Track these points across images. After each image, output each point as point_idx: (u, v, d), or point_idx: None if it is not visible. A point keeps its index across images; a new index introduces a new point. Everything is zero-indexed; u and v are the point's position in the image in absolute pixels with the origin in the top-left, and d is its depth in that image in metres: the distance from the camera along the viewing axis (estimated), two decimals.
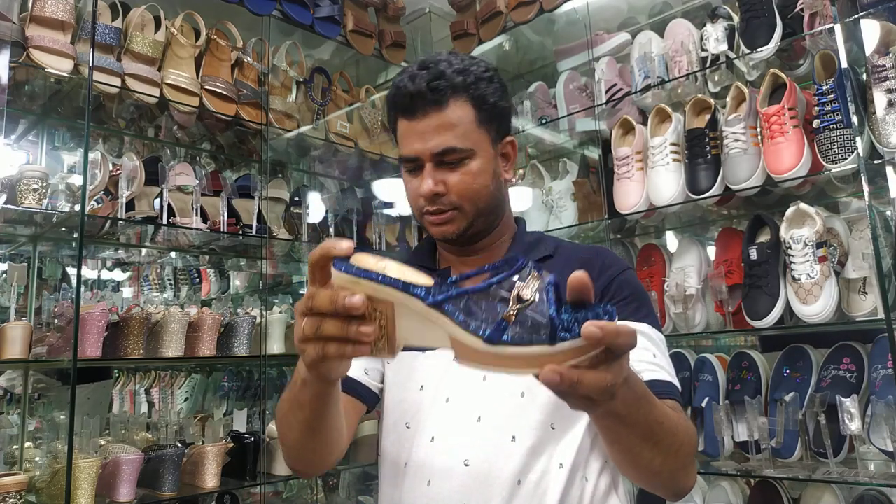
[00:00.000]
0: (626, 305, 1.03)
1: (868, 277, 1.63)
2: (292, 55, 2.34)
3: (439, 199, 1.04)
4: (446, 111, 1.02)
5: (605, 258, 1.10)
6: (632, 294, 1.04)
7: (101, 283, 2.68)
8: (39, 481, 1.67)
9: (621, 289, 1.04)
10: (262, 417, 2.04)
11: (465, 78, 1.03)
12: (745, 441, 1.71)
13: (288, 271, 2.80)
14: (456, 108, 1.03)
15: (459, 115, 1.03)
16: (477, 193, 1.05)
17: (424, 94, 1.02)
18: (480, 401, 1.02)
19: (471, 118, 1.04)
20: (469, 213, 1.06)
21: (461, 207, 1.05)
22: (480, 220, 1.08)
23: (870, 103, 1.59)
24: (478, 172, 1.05)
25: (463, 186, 1.04)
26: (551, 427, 1.00)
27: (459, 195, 1.04)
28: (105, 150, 2.09)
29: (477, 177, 1.05)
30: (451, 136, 1.02)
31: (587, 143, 2.36)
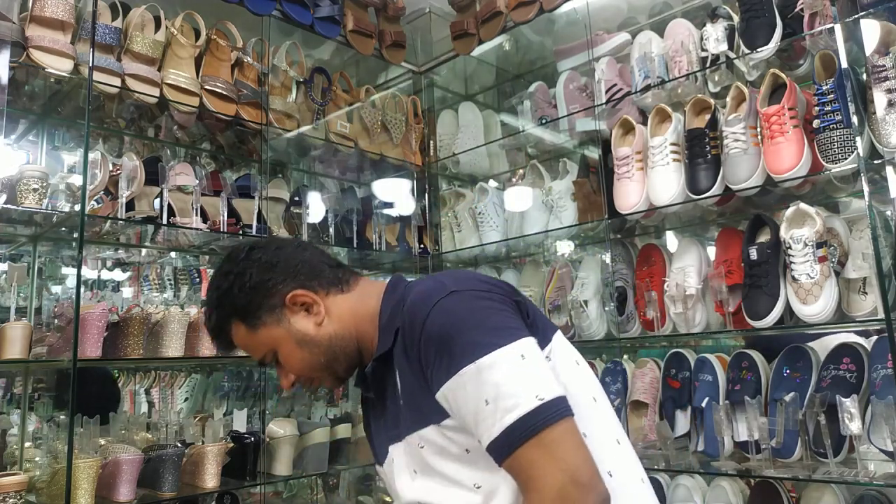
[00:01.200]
0: (439, 366, 0.95)
1: (868, 277, 1.63)
2: (292, 55, 2.34)
3: (298, 381, 1.16)
4: (234, 341, 1.16)
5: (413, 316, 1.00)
6: (438, 346, 0.95)
7: (101, 283, 2.68)
8: (39, 481, 1.67)
9: (428, 347, 0.97)
10: (262, 417, 2.04)
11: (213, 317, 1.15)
12: (745, 441, 1.71)
13: None
14: (234, 334, 1.15)
15: (238, 337, 1.15)
16: (304, 367, 1.13)
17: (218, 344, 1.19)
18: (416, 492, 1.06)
19: (245, 332, 1.13)
20: (321, 374, 1.15)
21: (311, 376, 1.15)
22: (336, 365, 1.14)
23: (870, 103, 1.59)
24: (288, 357, 1.13)
25: (294, 370, 1.14)
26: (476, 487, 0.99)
27: (300, 374, 1.15)
28: (105, 150, 2.09)
29: (291, 360, 1.13)
30: (252, 351, 1.15)
31: (587, 143, 2.36)
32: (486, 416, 0.90)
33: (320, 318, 1.12)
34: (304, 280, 1.13)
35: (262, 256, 1.13)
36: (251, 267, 1.12)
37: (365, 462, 2.16)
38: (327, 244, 2.32)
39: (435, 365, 0.96)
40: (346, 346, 1.13)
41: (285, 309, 1.11)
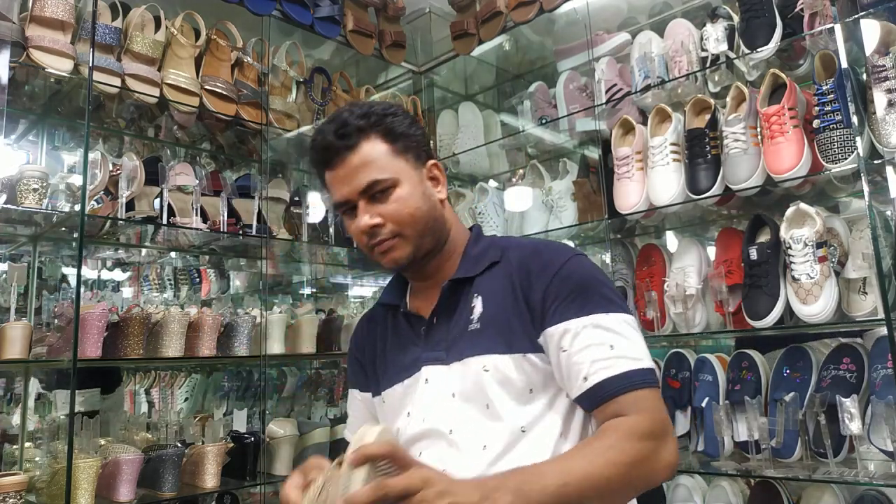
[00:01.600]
0: (571, 303, 1.03)
1: (868, 277, 1.63)
2: (292, 55, 2.34)
3: (379, 230, 1.10)
4: (360, 151, 1.09)
5: (545, 255, 1.10)
6: (575, 287, 1.04)
7: (101, 283, 2.68)
8: (39, 481, 1.67)
9: (563, 284, 1.05)
10: (262, 417, 2.04)
11: (367, 119, 1.10)
12: (745, 441, 1.71)
13: (288, 271, 2.81)
14: (367, 146, 1.09)
15: (372, 150, 1.09)
16: (412, 217, 1.10)
17: (334, 143, 1.10)
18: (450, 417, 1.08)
19: (384, 150, 1.10)
20: (410, 236, 1.11)
21: (401, 234, 1.10)
22: (425, 240, 1.13)
23: (870, 103, 1.59)
24: (407, 198, 1.10)
25: (396, 214, 1.09)
26: (521, 430, 1.04)
27: (396, 222, 1.10)
28: (105, 150, 2.09)
29: (407, 202, 1.10)
30: (371, 171, 1.09)
31: (587, 143, 2.36)
32: (606, 357, 0.99)
33: (443, 196, 1.17)
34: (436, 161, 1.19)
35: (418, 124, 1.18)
36: (415, 122, 1.16)
37: None
38: (327, 244, 2.32)
39: (564, 302, 1.03)
40: (442, 235, 1.16)
41: (423, 167, 1.15)
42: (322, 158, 1.12)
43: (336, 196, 1.12)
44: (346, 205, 1.12)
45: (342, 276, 3.06)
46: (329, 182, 1.13)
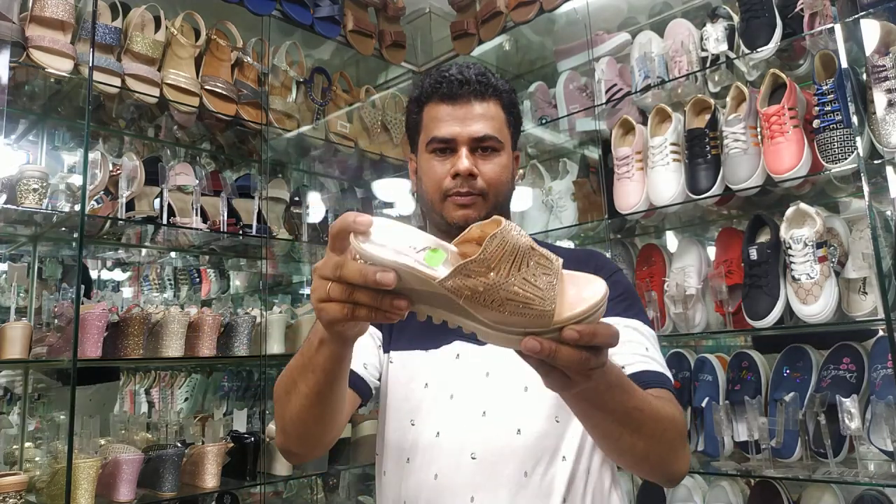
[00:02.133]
0: (619, 303, 1.06)
1: (868, 277, 1.63)
2: (292, 55, 2.34)
3: (471, 181, 1.09)
4: (488, 104, 1.11)
5: (598, 260, 1.18)
6: (623, 293, 1.09)
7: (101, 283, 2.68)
8: (39, 481, 1.67)
9: (614, 288, 1.04)
10: (262, 417, 2.04)
11: (502, 84, 1.14)
12: (745, 441, 1.71)
13: (288, 271, 2.80)
14: (493, 105, 1.12)
15: (496, 111, 1.12)
16: (501, 184, 1.12)
17: (472, 83, 1.10)
18: (485, 396, 1.05)
19: (502, 118, 1.13)
20: (490, 201, 1.11)
21: (486, 194, 1.10)
22: (496, 212, 1.10)
23: (870, 103, 1.59)
24: (504, 166, 1.13)
25: (492, 175, 1.10)
26: (555, 419, 1.03)
27: (488, 182, 1.10)
28: (105, 150, 2.08)
29: (503, 170, 1.12)
30: (491, 126, 1.10)
31: (587, 143, 2.36)
32: (642, 354, 1.02)
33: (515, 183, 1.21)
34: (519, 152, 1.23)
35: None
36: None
37: (365, 462, 2.16)
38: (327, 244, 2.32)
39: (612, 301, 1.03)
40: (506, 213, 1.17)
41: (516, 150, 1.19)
42: (448, 91, 1.10)
43: (440, 131, 1.10)
44: (447, 143, 1.10)
45: None
46: (438, 115, 1.11)
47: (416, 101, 1.15)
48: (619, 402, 0.80)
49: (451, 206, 1.10)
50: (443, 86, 1.11)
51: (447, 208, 1.10)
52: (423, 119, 1.14)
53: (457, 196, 1.09)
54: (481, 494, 1.00)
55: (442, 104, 1.11)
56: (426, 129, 1.13)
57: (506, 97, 1.14)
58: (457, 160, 1.09)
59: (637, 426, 0.84)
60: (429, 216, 1.18)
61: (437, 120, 1.11)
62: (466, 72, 1.11)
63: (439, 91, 1.11)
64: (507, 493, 0.99)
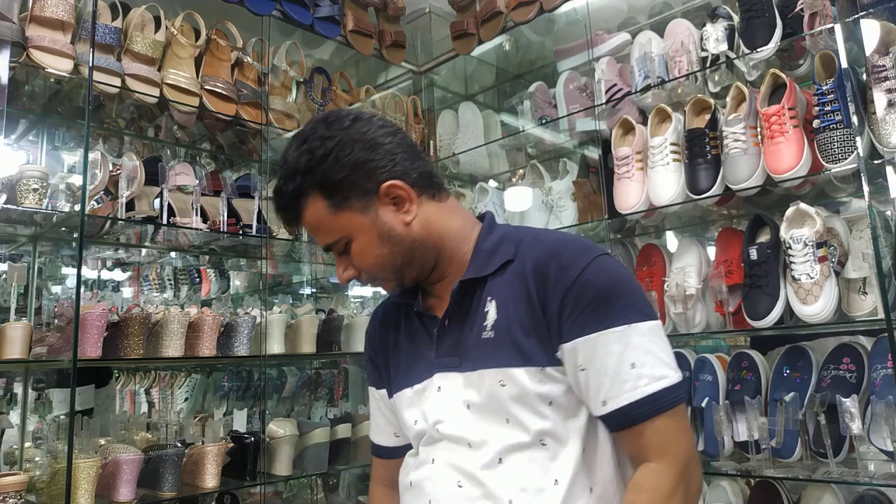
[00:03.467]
0: (591, 315, 0.95)
1: (868, 277, 1.63)
2: (292, 55, 2.34)
3: (357, 277, 1.08)
4: (304, 217, 1.04)
5: (563, 258, 0.99)
6: (595, 297, 0.95)
7: (101, 283, 2.68)
8: (39, 481, 1.67)
9: (582, 295, 0.96)
10: (262, 417, 2.04)
11: (295, 181, 1.02)
12: (745, 441, 1.71)
13: (288, 271, 2.81)
14: (309, 209, 1.03)
15: (315, 213, 1.03)
16: (377, 264, 1.05)
17: (282, 215, 1.08)
18: (467, 427, 1.03)
19: (325, 210, 1.02)
20: (388, 276, 1.07)
21: (377, 277, 1.08)
22: (406, 272, 1.07)
23: (870, 103, 1.59)
24: (364, 250, 1.04)
25: (362, 265, 1.06)
26: (542, 443, 0.99)
27: (366, 271, 1.07)
28: (105, 150, 2.09)
29: (366, 253, 1.04)
30: (321, 235, 1.05)
31: (587, 143, 2.36)
32: (626, 379, 0.93)
33: (410, 217, 1.04)
34: (402, 172, 1.03)
35: (368, 132, 1.02)
36: (355, 140, 1.01)
37: (365, 462, 2.16)
38: None
39: (582, 314, 0.95)
40: (425, 255, 1.06)
41: (377, 198, 1.02)
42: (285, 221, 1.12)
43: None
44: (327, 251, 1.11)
45: None
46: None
47: None
48: None
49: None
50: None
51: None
52: None
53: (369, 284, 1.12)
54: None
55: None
56: None
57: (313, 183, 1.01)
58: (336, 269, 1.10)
59: None
60: None
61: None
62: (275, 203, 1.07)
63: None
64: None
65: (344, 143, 1.01)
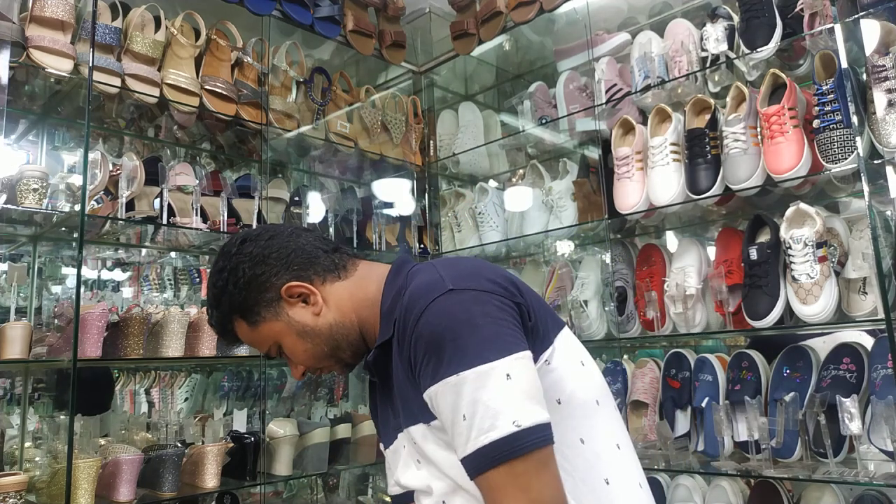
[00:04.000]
0: (426, 367, 0.93)
1: (868, 277, 1.63)
2: (292, 55, 2.34)
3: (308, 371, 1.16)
4: (239, 336, 1.15)
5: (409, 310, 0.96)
6: (427, 348, 0.92)
7: (101, 283, 2.68)
8: (39, 481, 1.67)
9: (418, 346, 0.94)
10: (262, 417, 2.04)
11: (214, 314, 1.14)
12: (745, 441, 1.71)
13: None
14: (236, 329, 1.14)
15: (242, 333, 1.14)
16: (310, 358, 1.13)
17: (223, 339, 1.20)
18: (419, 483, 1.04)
19: (246, 328, 1.12)
20: (328, 364, 1.14)
21: (317, 366, 1.15)
22: (340, 353, 1.12)
23: (870, 103, 1.59)
24: (293, 349, 1.12)
25: (300, 361, 1.13)
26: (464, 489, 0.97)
27: (306, 364, 1.14)
28: (105, 150, 2.09)
29: (296, 352, 1.12)
30: (257, 345, 1.15)
31: (587, 143, 2.36)
32: (461, 431, 0.89)
33: (318, 307, 1.10)
34: (298, 270, 1.10)
35: (254, 249, 1.10)
36: (243, 262, 1.09)
37: (365, 462, 2.16)
38: None
39: (422, 365, 0.93)
40: (349, 334, 1.11)
41: (282, 302, 1.09)
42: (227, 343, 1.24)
43: None
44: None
45: None
46: None
47: None
48: None
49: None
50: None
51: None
52: None
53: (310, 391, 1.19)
54: None
55: None
56: None
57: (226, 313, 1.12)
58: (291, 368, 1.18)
59: None
60: None
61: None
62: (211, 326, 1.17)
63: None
64: None
65: (234, 268, 1.10)
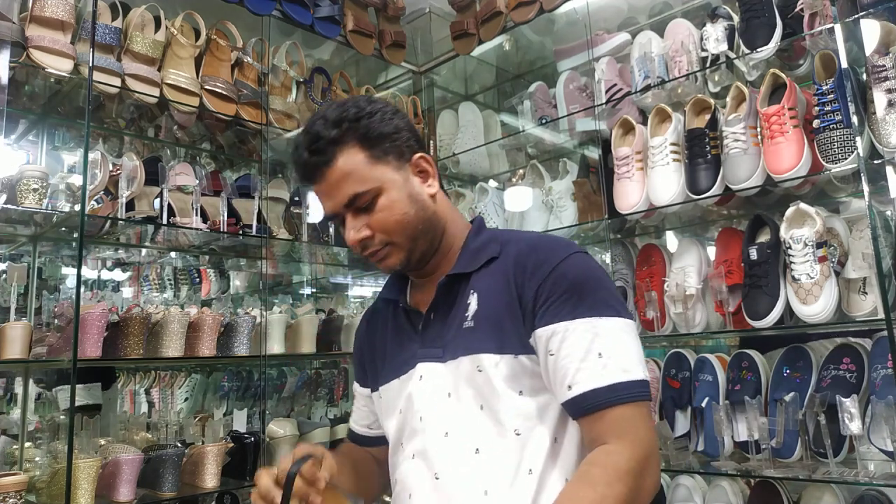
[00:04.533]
0: (562, 305, 1.00)
1: (868, 277, 1.63)
2: (292, 55, 2.34)
3: (369, 241, 1.08)
4: (336, 164, 1.06)
5: (541, 252, 1.06)
6: (569, 287, 1.00)
7: (101, 283, 2.68)
8: (39, 481, 1.67)
9: (557, 284, 1.01)
10: (262, 417, 2.04)
11: (339, 127, 1.06)
12: (745, 441, 1.71)
13: (288, 271, 2.81)
14: (343, 157, 1.06)
15: (349, 162, 1.06)
16: (400, 224, 1.08)
17: (310, 161, 1.07)
18: (447, 417, 1.06)
19: (362, 160, 1.06)
20: (402, 243, 1.09)
21: (392, 241, 1.09)
22: (418, 243, 1.11)
23: (870, 103, 1.59)
24: (392, 205, 1.07)
25: (384, 223, 1.07)
26: (516, 433, 1.02)
27: (384, 232, 1.08)
28: (105, 150, 2.09)
29: (393, 210, 1.07)
30: (351, 184, 1.06)
31: (587, 143, 2.36)
32: (592, 366, 0.96)
33: (433, 190, 1.12)
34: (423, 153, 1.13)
35: (400, 112, 1.13)
36: (396, 112, 1.11)
37: None
38: (327, 244, 2.32)
39: (555, 302, 1.00)
40: (436, 233, 1.12)
41: (408, 164, 1.10)
42: (302, 175, 1.11)
43: (324, 210, 1.12)
44: (335, 218, 1.11)
45: (342, 276, 3.06)
46: (315, 195, 1.13)
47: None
48: None
49: (375, 262, 1.11)
50: (296, 172, 1.12)
51: (375, 263, 1.13)
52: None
53: (370, 257, 1.11)
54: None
55: (311, 186, 1.11)
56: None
57: (353, 134, 1.06)
58: (346, 231, 1.09)
59: None
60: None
61: (317, 199, 1.13)
62: (301, 149, 1.08)
63: (301, 178, 1.12)
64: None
65: (388, 110, 1.10)
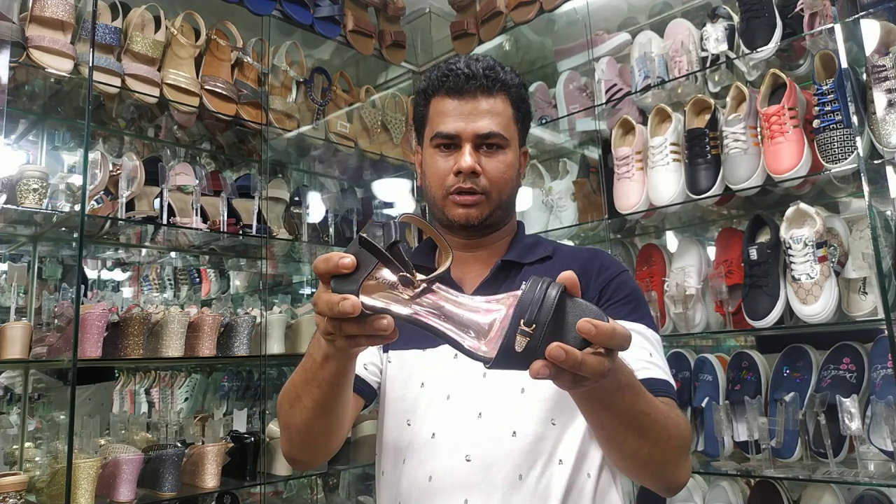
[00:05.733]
0: (624, 305, 1.06)
1: (868, 277, 1.63)
2: (292, 55, 2.34)
3: (475, 179, 1.07)
4: (495, 99, 1.08)
5: (604, 260, 1.14)
6: (629, 295, 1.08)
7: (101, 283, 2.68)
8: (39, 481, 1.67)
9: (619, 289, 1.08)
10: (262, 417, 2.04)
11: (511, 78, 1.11)
12: (745, 441, 1.71)
13: (288, 271, 2.80)
14: (501, 101, 1.09)
15: (503, 107, 1.09)
16: (505, 183, 1.10)
17: (479, 78, 1.07)
18: (481, 397, 1.03)
19: (510, 113, 1.10)
20: (494, 200, 1.09)
21: (489, 193, 1.08)
22: (499, 211, 1.11)
23: (870, 103, 1.59)
24: (509, 164, 1.10)
25: (496, 173, 1.08)
26: (552, 422, 1.02)
27: (492, 180, 1.08)
28: (105, 150, 2.09)
29: (508, 168, 1.10)
30: (497, 123, 1.07)
31: (587, 143, 2.36)
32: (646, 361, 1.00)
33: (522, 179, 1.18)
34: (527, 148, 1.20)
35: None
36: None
37: (365, 462, 2.16)
38: (327, 244, 2.32)
39: (617, 303, 1.06)
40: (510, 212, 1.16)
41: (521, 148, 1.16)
42: (454, 85, 1.07)
43: (446, 126, 1.07)
44: (451, 139, 1.07)
45: None
46: (442, 109, 1.09)
47: (423, 93, 1.13)
48: (627, 404, 0.80)
49: (453, 204, 1.08)
50: (449, 79, 1.08)
51: (448, 206, 1.09)
52: (430, 112, 1.11)
53: (458, 195, 1.07)
54: (475, 497, 0.99)
55: (448, 98, 1.08)
56: (431, 122, 1.10)
57: (514, 92, 1.10)
58: (460, 157, 1.06)
59: (643, 430, 0.84)
60: (431, 211, 1.15)
61: (442, 114, 1.08)
62: (474, 65, 1.07)
63: (446, 84, 1.08)
64: (501, 496, 0.98)
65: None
